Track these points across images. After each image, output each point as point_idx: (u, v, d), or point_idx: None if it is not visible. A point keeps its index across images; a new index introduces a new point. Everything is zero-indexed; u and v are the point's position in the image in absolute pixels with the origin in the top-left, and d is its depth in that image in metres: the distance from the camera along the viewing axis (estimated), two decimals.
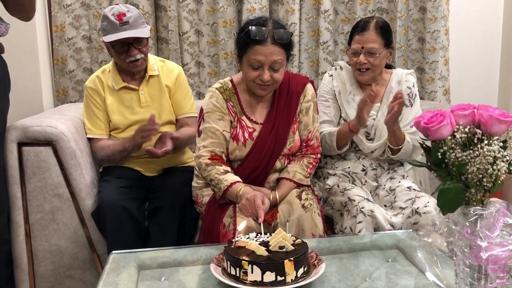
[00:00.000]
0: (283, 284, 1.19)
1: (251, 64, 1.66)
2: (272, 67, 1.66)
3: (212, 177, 1.67)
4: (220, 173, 1.67)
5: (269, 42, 1.63)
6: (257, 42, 1.62)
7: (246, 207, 1.52)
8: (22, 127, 1.86)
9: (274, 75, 1.67)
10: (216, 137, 1.73)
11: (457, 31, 2.91)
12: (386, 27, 1.94)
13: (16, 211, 1.87)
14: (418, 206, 1.76)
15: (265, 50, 1.63)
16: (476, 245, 0.94)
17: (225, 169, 1.69)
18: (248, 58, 1.66)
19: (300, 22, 2.76)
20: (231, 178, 1.65)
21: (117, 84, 2.06)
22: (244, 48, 1.66)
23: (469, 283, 0.98)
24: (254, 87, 1.72)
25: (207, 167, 1.69)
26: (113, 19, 1.91)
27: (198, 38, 2.71)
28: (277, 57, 1.64)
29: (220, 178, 1.65)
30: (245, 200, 1.53)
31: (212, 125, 1.73)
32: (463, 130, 0.97)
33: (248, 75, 1.69)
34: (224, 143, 1.75)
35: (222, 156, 1.74)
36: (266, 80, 1.66)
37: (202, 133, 1.75)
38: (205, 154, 1.72)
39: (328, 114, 2.02)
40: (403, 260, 1.41)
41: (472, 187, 0.97)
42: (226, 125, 1.76)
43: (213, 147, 1.72)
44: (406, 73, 2.06)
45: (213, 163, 1.70)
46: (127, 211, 1.80)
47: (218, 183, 1.65)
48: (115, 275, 1.29)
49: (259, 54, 1.63)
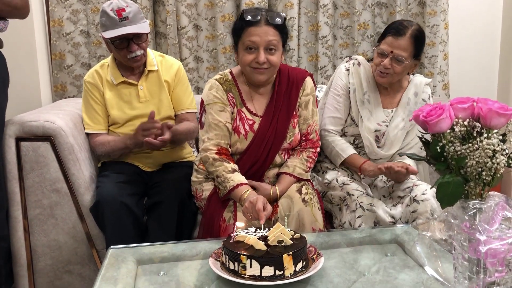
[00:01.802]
0: (282, 278, 1.19)
1: (247, 46, 1.67)
2: (267, 48, 1.67)
3: (219, 173, 1.68)
4: (228, 171, 1.67)
5: (263, 23, 1.66)
6: (251, 24, 1.65)
7: (248, 210, 1.52)
8: (20, 122, 1.85)
9: (270, 57, 1.68)
10: (219, 129, 1.73)
11: (456, 26, 2.90)
12: (422, 38, 1.87)
13: (14, 207, 1.86)
14: (416, 194, 1.76)
15: (259, 30, 1.65)
16: (475, 238, 0.94)
17: (233, 167, 1.70)
18: (243, 41, 1.68)
19: (299, 17, 2.75)
20: (238, 178, 1.66)
21: (116, 79, 2.05)
22: (239, 33, 1.68)
23: (468, 277, 0.98)
24: (251, 73, 1.72)
25: (214, 162, 1.70)
26: (112, 14, 1.90)
27: (197, 32, 2.70)
28: (272, 38, 1.66)
29: (227, 176, 1.66)
30: (248, 203, 1.53)
31: (215, 117, 1.74)
32: (462, 123, 0.96)
33: (244, 60, 1.70)
34: (228, 135, 1.75)
35: (228, 148, 1.74)
36: (261, 61, 1.67)
37: (205, 125, 1.76)
38: (212, 148, 1.72)
39: (339, 110, 1.98)
40: (402, 254, 1.41)
41: (471, 180, 0.97)
42: (228, 117, 1.76)
43: (218, 140, 1.73)
44: (425, 83, 2.01)
45: (221, 158, 1.70)
46: (126, 206, 1.80)
47: (224, 181, 1.65)
48: (113, 270, 1.29)
49: (253, 35, 1.65)
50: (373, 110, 1.95)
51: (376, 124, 1.95)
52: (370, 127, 1.94)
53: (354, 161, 1.91)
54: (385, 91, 1.99)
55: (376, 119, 1.95)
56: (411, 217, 1.74)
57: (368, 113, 1.95)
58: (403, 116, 1.96)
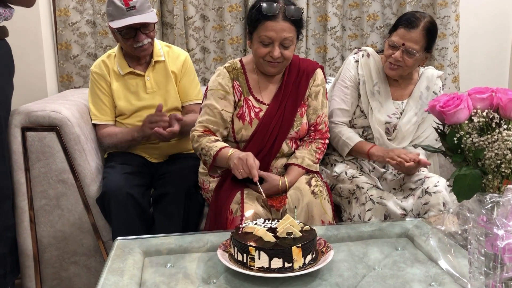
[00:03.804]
0: (291, 270, 1.17)
1: (262, 40, 1.65)
2: (283, 44, 1.65)
3: (203, 145, 1.67)
4: (211, 142, 1.67)
5: (280, 18, 1.62)
6: (268, 18, 1.62)
7: (238, 166, 1.52)
8: (26, 112, 1.84)
9: (284, 52, 1.67)
10: (213, 114, 1.73)
11: (467, 17, 2.85)
12: (434, 31, 1.83)
13: (20, 197, 1.85)
14: (428, 186, 1.74)
15: (276, 26, 1.62)
16: (492, 233, 0.91)
17: (216, 138, 1.69)
18: (259, 34, 1.65)
19: (308, 7, 2.71)
20: (220, 144, 1.66)
21: (122, 69, 2.03)
22: (255, 24, 1.65)
23: (484, 273, 0.95)
24: (264, 64, 1.70)
25: (198, 138, 1.70)
26: (119, 3, 1.88)
27: (204, 23, 2.67)
28: (288, 34, 1.64)
29: (210, 145, 1.65)
30: (237, 159, 1.53)
31: (212, 103, 1.73)
32: (481, 114, 0.93)
33: (258, 52, 1.68)
34: (221, 122, 1.73)
35: (216, 134, 1.73)
36: (276, 57, 1.65)
37: (202, 110, 1.76)
38: (199, 128, 1.73)
39: (346, 102, 1.95)
40: (412, 248, 1.39)
41: (489, 173, 0.94)
42: (227, 105, 1.74)
43: (207, 124, 1.73)
44: (437, 75, 1.98)
45: (205, 134, 1.70)
46: (132, 197, 1.79)
47: (209, 150, 1.65)
48: (120, 261, 1.28)
49: (270, 30, 1.63)
50: (383, 101, 1.93)
51: (386, 116, 1.92)
52: (381, 119, 1.91)
53: (362, 147, 1.88)
54: (395, 82, 1.96)
55: (387, 111, 1.93)
56: (423, 209, 1.72)
57: (378, 105, 1.92)
58: (416, 110, 1.93)
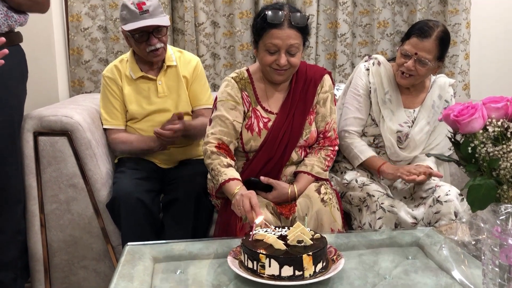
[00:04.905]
0: (301, 279, 1.16)
1: (268, 48, 1.64)
2: (289, 51, 1.64)
3: (213, 166, 1.66)
4: (223, 166, 1.65)
5: (285, 26, 1.61)
6: (274, 26, 1.61)
7: (239, 203, 1.49)
8: (38, 117, 1.85)
9: (291, 59, 1.66)
10: (225, 125, 1.71)
11: (478, 25, 2.83)
12: (447, 40, 1.82)
13: (31, 201, 1.86)
14: (439, 195, 1.72)
15: (281, 34, 1.61)
16: (507, 244, 0.90)
17: (229, 162, 1.67)
18: (265, 42, 1.64)
19: (318, 14, 2.71)
20: (231, 173, 1.63)
21: (134, 74, 2.04)
22: (261, 32, 1.65)
23: (499, 284, 0.94)
24: (271, 72, 1.70)
25: (212, 154, 1.68)
26: (133, 7, 1.90)
27: (214, 29, 2.68)
28: (294, 41, 1.63)
29: (221, 170, 1.64)
30: (239, 196, 1.50)
31: (223, 114, 1.72)
32: (495, 123, 0.93)
33: (264, 60, 1.67)
34: (233, 133, 1.72)
35: (229, 146, 1.72)
36: (283, 64, 1.64)
37: (213, 121, 1.75)
38: (213, 141, 1.71)
39: (360, 111, 1.94)
40: (423, 257, 1.37)
41: (504, 183, 0.93)
42: (238, 116, 1.74)
43: (221, 135, 1.71)
44: (449, 83, 1.97)
45: (219, 152, 1.68)
46: (142, 202, 1.79)
47: (218, 175, 1.63)
48: (130, 267, 1.28)
49: (275, 38, 1.62)
50: (395, 110, 1.92)
51: (398, 125, 1.91)
52: (393, 127, 1.90)
53: (373, 163, 1.88)
54: (407, 90, 1.95)
55: (398, 119, 1.92)
56: (434, 218, 1.70)
57: (390, 113, 1.91)
58: (428, 119, 1.92)
